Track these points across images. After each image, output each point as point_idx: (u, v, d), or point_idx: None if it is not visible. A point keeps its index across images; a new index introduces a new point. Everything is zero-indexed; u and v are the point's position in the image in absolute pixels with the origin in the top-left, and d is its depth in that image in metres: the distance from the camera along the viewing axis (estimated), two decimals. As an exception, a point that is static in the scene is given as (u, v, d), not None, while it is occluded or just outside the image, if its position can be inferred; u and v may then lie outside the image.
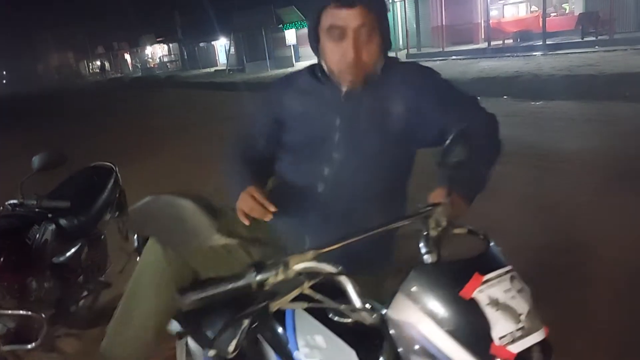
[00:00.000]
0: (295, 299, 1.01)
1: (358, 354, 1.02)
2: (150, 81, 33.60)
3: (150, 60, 48.54)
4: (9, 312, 2.32)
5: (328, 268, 1.03)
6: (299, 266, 1.02)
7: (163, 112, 15.30)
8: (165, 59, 46.96)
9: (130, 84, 35.10)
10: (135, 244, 1.96)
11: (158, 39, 45.10)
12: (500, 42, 19.09)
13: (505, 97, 10.05)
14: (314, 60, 1.51)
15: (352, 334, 1.06)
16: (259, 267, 1.00)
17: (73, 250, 2.81)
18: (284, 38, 27.60)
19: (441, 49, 20.49)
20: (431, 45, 22.71)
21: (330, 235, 1.08)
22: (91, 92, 29.46)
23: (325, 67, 1.43)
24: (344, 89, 1.41)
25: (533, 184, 4.84)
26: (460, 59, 17.82)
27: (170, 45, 45.67)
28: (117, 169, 3.16)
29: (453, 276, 0.92)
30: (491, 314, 0.87)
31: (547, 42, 16.25)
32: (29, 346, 2.43)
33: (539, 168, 5.26)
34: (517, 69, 12.95)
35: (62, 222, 2.67)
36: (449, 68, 15.76)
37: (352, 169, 1.43)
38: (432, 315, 0.89)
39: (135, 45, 48.41)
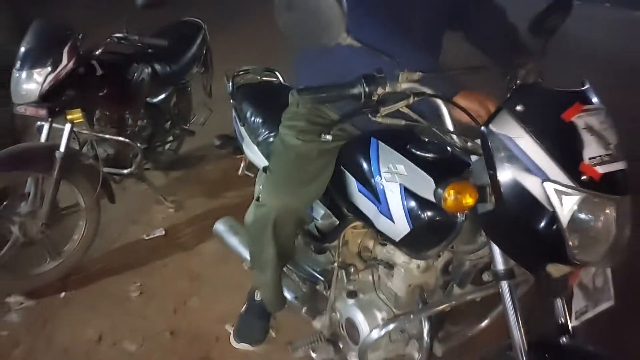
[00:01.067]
0: (397, 119, 1.14)
1: (435, 183, 1.15)
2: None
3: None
4: (111, 137, 2.69)
5: (431, 90, 1.16)
6: (405, 84, 1.15)
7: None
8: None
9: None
10: (229, 89, 2.17)
11: None
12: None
13: (607, 4, 9.16)
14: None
15: (431, 166, 1.21)
16: (369, 79, 1.12)
17: (164, 94, 3.13)
18: None
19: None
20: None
21: None
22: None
23: None
24: None
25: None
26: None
27: None
28: (206, 26, 3.35)
29: (556, 100, 1.03)
30: (586, 136, 0.97)
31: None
32: (125, 171, 2.83)
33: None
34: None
35: (157, 66, 2.95)
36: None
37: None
38: (533, 132, 1.00)
39: None
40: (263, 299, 1.81)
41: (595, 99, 1.04)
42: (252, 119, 1.90)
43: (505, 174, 1.01)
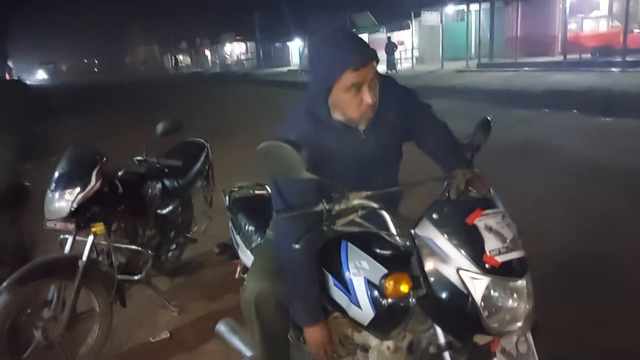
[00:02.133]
0: (351, 226, 1.49)
1: (389, 272, 1.45)
2: (228, 77, 35.23)
3: (229, 57, 50.60)
4: (127, 246, 3.00)
5: (375, 204, 1.50)
6: (355, 201, 1.49)
7: (238, 105, 16.32)
8: (242, 57, 48.78)
9: (208, 79, 36.90)
10: (226, 202, 2.54)
11: (237, 37, 46.94)
12: (577, 56, 18.63)
13: (574, 111, 10.07)
14: (382, 66, 1.87)
15: (388, 261, 1.52)
16: (329, 199, 1.48)
17: (171, 207, 3.49)
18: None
19: (514, 60, 20.28)
20: (505, 56, 22.46)
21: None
22: (173, 85, 31.24)
23: (340, 118, 1.65)
24: (362, 128, 1.67)
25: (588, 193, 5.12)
26: (532, 71, 17.64)
27: (248, 44, 47.41)
28: (209, 145, 3.81)
29: (462, 209, 1.37)
30: (486, 234, 1.30)
31: (626, 59, 15.74)
32: (136, 277, 3.10)
33: (593, 180, 5.49)
34: (591, 84, 12.72)
35: (166, 182, 3.35)
36: (520, 79, 15.68)
37: (381, 171, 1.80)
38: (446, 233, 1.32)
39: (216, 42, 50.65)
40: None
41: (496, 204, 1.38)
42: (246, 227, 2.23)
43: (430, 266, 1.33)
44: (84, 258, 2.60)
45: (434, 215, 1.36)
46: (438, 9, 24.20)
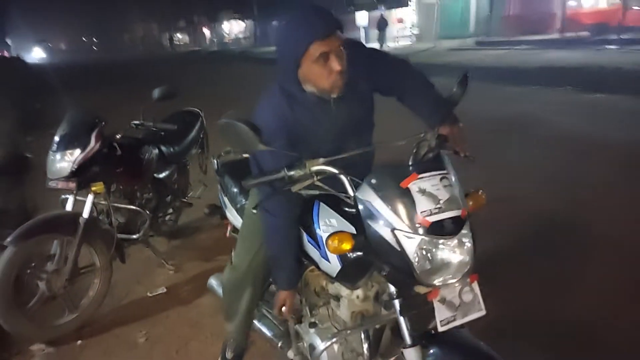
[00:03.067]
0: (313, 190, 1.60)
1: (356, 229, 1.57)
2: (225, 55, 35.11)
3: (227, 35, 50.28)
4: (126, 206, 3.17)
5: (331, 169, 1.60)
6: (313, 168, 1.59)
7: (232, 81, 16.47)
8: (240, 35, 48.46)
9: (206, 56, 36.74)
10: (215, 166, 2.70)
11: (235, 15, 46.56)
12: (575, 34, 18.60)
13: (568, 87, 10.16)
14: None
15: (355, 219, 1.60)
16: (289, 166, 1.59)
17: (168, 171, 3.66)
18: (354, 19, 27.78)
19: (509, 38, 20.25)
20: (503, 34, 22.38)
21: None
22: (170, 62, 31.15)
23: (312, 89, 1.71)
24: (334, 96, 1.71)
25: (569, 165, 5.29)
26: (529, 49, 17.61)
27: (246, 22, 47.06)
28: (203, 114, 3.97)
29: (398, 174, 1.42)
30: (418, 197, 1.38)
31: (621, 37, 15.75)
32: (134, 236, 3.28)
33: (576, 152, 5.66)
34: (586, 61, 12.74)
35: (163, 148, 3.51)
36: (514, 57, 15.68)
37: (354, 140, 1.86)
38: (382, 197, 1.41)
39: (214, 20, 50.25)
40: (234, 344, 2.24)
41: (439, 166, 1.47)
42: (232, 189, 2.40)
43: (369, 226, 1.44)
44: (85, 215, 2.77)
45: (372, 180, 1.46)
46: (436, -14, 24.09)
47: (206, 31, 55.03)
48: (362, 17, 27.53)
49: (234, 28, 50.14)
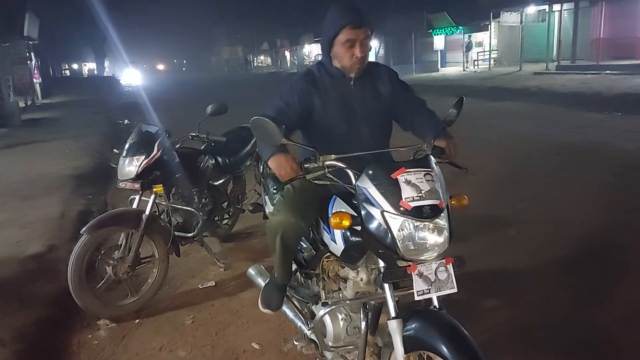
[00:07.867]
0: (324, 180, 1.94)
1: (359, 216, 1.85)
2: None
3: (307, 57, 51.83)
4: (182, 207, 3.63)
5: (340, 164, 1.93)
6: (326, 162, 1.92)
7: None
8: (320, 58, 49.63)
9: (285, 77, 38.14)
10: (260, 170, 3.07)
11: (316, 39, 47.97)
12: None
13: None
14: (459, 67, 2.31)
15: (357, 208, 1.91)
16: (306, 159, 1.94)
17: (223, 179, 4.10)
18: (432, 43, 27.98)
19: (596, 63, 19.45)
20: (588, 59, 21.51)
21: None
22: (249, 82, 32.70)
23: (338, 66, 2.21)
24: (352, 76, 2.22)
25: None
26: (614, 74, 16.86)
27: (326, 45, 48.17)
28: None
29: (391, 167, 1.76)
30: (404, 186, 1.69)
31: None
32: (190, 234, 3.72)
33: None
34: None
35: (219, 158, 3.96)
36: (597, 82, 15.13)
37: (368, 128, 2.27)
38: (375, 185, 1.70)
39: (296, 43, 52.05)
40: (276, 275, 2.47)
41: (426, 165, 1.75)
42: (271, 189, 2.77)
43: (364, 208, 1.74)
44: (147, 212, 3.24)
45: (370, 172, 1.75)
46: (518, 10, 23.67)
47: (287, 54, 57.09)
48: (439, 41, 27.67)
49: (314, 50, 51.62)
